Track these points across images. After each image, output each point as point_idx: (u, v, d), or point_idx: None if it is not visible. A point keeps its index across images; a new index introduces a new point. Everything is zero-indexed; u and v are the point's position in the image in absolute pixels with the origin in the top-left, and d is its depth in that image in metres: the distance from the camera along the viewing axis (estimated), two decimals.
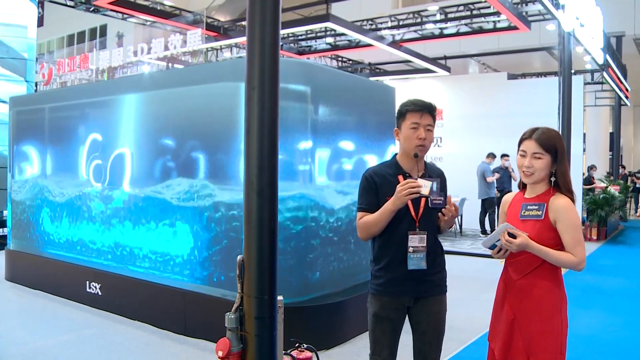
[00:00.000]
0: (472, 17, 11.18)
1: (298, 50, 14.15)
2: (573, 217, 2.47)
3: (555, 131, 2.60)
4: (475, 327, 5.27)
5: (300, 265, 4.69)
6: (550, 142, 2.52)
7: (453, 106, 13.06)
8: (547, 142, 2.52)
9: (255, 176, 2.98)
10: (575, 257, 2.44)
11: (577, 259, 2.44)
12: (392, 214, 2.60)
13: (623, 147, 25.69)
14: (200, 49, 7.13)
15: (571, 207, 2.48)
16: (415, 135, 2.68)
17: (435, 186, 2.55)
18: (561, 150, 2.54)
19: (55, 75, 7.88)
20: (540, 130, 2.57)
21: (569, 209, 2.47)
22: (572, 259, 2.44)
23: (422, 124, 2.69)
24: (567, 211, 2.47)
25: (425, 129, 2.69)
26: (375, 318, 2.75)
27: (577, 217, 2.49)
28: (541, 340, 2.48)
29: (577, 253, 2.44)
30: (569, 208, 2.48)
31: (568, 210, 2.47)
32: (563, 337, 2.50)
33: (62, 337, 5.03)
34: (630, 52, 17.32)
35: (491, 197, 11.55)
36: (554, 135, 2.56)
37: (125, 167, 5.78)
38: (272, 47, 3.00)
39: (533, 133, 2.56)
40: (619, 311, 6.27)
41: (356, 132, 5.29)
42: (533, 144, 2.53)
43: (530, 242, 2.45)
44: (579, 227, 2.48)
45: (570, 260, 2.44)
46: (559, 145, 2.53)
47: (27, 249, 7.12)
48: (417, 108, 2.70)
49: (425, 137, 2.68)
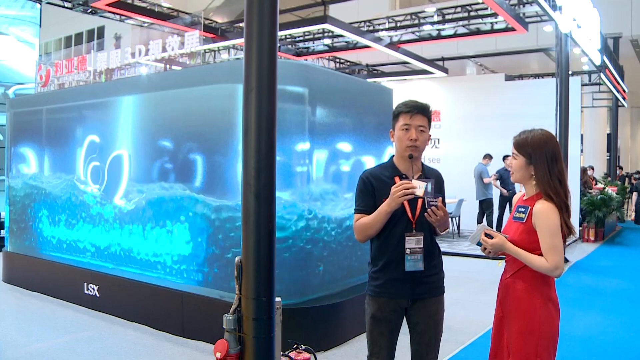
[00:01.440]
0: (470, 19, 11.19)
1: (296, 52, 14.15)
2: (549, 222, 2.45)
3: (541, 135, 2.56)
4: (473, 329, 5.27)
5: (298, 267, 4.69)
6: (523, 143, 2.57)
7: (450, 107, 13.09)
8: (521, 143, 2.57)
9: (253, 178, 2.98)
10: (547, 263, 2.43)
11: (549, 264, 2.42)
12: (388, 216, 2.60)
13: (620, 148, 25.76)
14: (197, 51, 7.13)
15: (549, 212, 2.46)
16: (406, 136, 2.68)
17: (430, 187, 2.54)
18: (538, 154, 2.52)
19: (53, 77, 7.86)
20: (527, 131, 2.60)
21: (547, 214, 2.46)
22: (545, 264, 2.44)
23: (414, 125, 2.68)
24: (544, 216, 2.46)
25: (417, 130, 2.69)
26: (372, 319, 2.75)
27: (554, 222, 2.45)
28: (518, 339, 2.52)
29: (549, 258, 2.43)
30: (547, 213, 2.46)
31: (545, 215, 2.46)
32: (542, 339, 2.49)
33: (59, 339, 5.02)
34: (627, 53, 17.35)
35: (489, 198, 11.55)
36: (532, 138, 2.55)
37: (122, 168, 5.77)
38: (269, 48, 3.01)
39: (518, 134, 2.62)
40: (616, 312, 6.28)
41: (354, 134, 5.30)
42: (513, 145, 2.63)
43: (506, 244, 2.51)
44: (554, 233, 2.45)
45: (542, 265, 2.44)
46: (535, 149, 2.53)
47: (24, 251, 7.11)
48: (408, 109, 2.71)
49: (416, 138, 2.67)
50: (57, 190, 6.61)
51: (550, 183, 2.49)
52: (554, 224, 2.45)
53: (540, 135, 2.56)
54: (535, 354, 2.48)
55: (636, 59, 18.91)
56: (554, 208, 2.47)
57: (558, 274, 2.45)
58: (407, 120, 2.69)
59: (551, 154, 2.53)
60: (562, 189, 2.51)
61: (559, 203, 2.48)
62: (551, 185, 2.49)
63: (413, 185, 2.53)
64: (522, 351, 2.49)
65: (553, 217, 2.46)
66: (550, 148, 2.54)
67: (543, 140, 2.55)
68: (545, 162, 2.51)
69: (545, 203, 2.49)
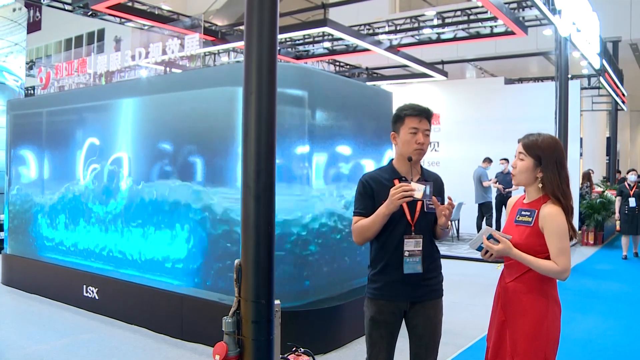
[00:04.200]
0: (469, 22, 11.22)
1: (295, 55, 14.17)
2: (557, 225, 2.46)
3: (550, 139, 2.58)
4: (472, 332, 5.27)
5: (298, 270, 4.69)
6: (534, 145, 2.57)
7: (450, 111, 13.10)
8: (531, 145, 2.57)
9: (253, 181, 2.99)
10: (558, 266, 2.43)
11: (559, 267, 2.43)
12: (386, 218, 2.61)
13: (620, 151, 25.76)
14: (198, 54, 7.13)
15: (557, 215, 2.47)
16: (414, 139, 2.70)
17: (428, 190, 2.55)
18: (548, 157, 2.53)
19: (53, 79, 7.86)
20: (534, 134, 2.61)
21: (555, 217, 2.47)
22: (554, 268, 2.44)
23: (421, 129, 2.71)
24: (552, 219, 2.47)
25: (423, 133, 2.71)
26: (371, 322, 2.75)
27: (563, 225, 2.46)
28: (524, 344, 2.51)
29: (559, 262, 2.43)
30: (555, 216, 2.47)
31: (553, 218, 2.47)
32: (549, 344, 2.50)
33: (58, 342, 5.02)
34: (626, 57, 17.38)
35: (488, 201, 11.56)
36: (542, 141, 2.56)
37: (122, 171, 5.78)
38: (269, 51, 3.02)
39: (526, 136, 2.62)
40: (615, 316, 6.28)
41: (353, 137, 5.30)
42: (519, 146, 2.62)
43: (512, 249, 2.49)
44: (563, 236, 2.46)
45: (552, 269, 2.44)
46: (546, 152, 2.54)
47: (24, 253, 7.11)
48: (416, 113, 2.72)
49: (423, 142, 2.70)
50: (57, 193, 6.61)
51: (560, 186, 2.51)
52: (563, 227, 2.46)
53: (550, 139, 2.58)
54: (544, 356, 2.48)
55: (635, 62, 18.94)
56: (561, 211, 2.48)
57: (566, 277, 2.46)
58: (415, 123, 2.71)
59: (560, 158, 2.55)
60: (569, 193, 2.53)
61: (566, 206, 2.49)
62: (560, 189, 2.51)
63: (412, 187, 2.53)
64: (530, 354, 2.48)
65: (561, 220, 2.47)
66: (559, 152, 2.56)
67: (552, 144, 2.57)
68: (555, 165, 2.53)
69: (553, 206, 2.49)
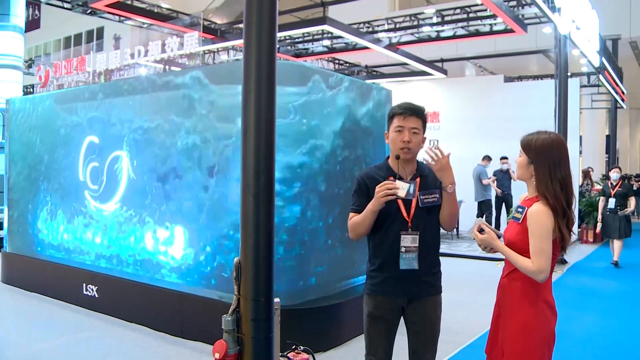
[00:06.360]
0: (469, 20, 11.22)
1: (295, 53, 14.17)
2: (540, 224, 2.43)
3: (547, 140, 2.54)
4: (471, 330, 5.28)
5: (297, 268, 4.69)
6: (527, 143, 2.58)
7: (449, 109, 13.07)
8: (525, 143, 2.59)
9: (252, 179, 2.99)
10: (532, 265, 2.41)
11: (535, 267, 2.41)
12: (374, 214, 2.66)
13: (619, 149, 25.78)
14: (197, 52, 7.13)
15: (542, 215, 2.44)
16: (399, 137, 2.73)
17: (412, 189, 2.62)
18: (540, 157, 2.51)
19: (52, 78, 7.86)
20: (535, 133, 2.60)
21: (540, 216, 2.44)
22: (530, 266, 2.42)
23: (407, 127, 2.73)
24: (536, 218, 2.45)
25: (410, 131, 2.73)
26: (370, 318, 2.78)
27: (545, 225, 2.42)
28: (511, 339, 2.52)
29: (535, 262, 2.41)
30: (540, 215, 2.44)
31: (538, 217, 2.44)
32: (536, 341, 2.48)
33: (58, 340, 5.02)
34: (626, 54, 17.37)
35: (488, 199, 11.56)
36: (536, 141, 2.54)
37: (122, 169, 5.77)
38: (269, 49, 3.02)
39: (529, 133, 2.62)
40: (614, 313, 6.29)
41: (354, 135, 5.29)
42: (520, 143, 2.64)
43: (495, 241, 2.56)
44: (543, 237, 2.42)
45: (528, 268, 2.43)
46: (538, 151, 2.52)
47: (23, 252, 7.11)
48: (401, 111, 2.76)
49: (409, 140, 2.72)
50: (56, 191, 6.61)
51: (549, 186, 2.46)
52: (545, 227, 2.43)
53: (546, 139, 2.54)
54: (528, 355, 2.48)
55: (635, 60, 18.94)
56: (548, 211, 2.44)
57: (542, 278, 2.43)
58: (400, 122, 2.74)
59: (556, 158, 2.50)
60: (562, 194, 2.47)
61: (555, 206, 2.44)
62: (549, 188, 2.46)
63: (396, 186, 2.59)
64: (515, 353, 2.50)
65: (545, 220, 2.43)
66: (555, 152, 2.51)
67: (548, 143, 2.52)
68: (547, 165, 2.49)
69: (540, 205, 2.47)
